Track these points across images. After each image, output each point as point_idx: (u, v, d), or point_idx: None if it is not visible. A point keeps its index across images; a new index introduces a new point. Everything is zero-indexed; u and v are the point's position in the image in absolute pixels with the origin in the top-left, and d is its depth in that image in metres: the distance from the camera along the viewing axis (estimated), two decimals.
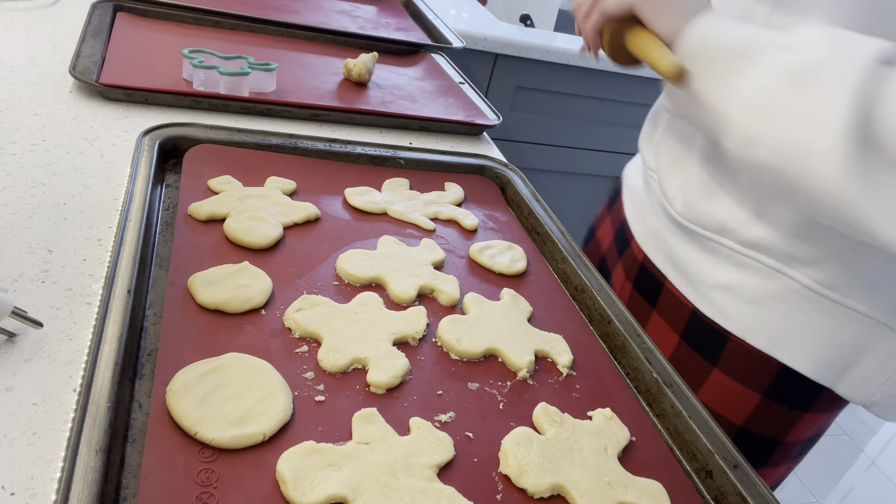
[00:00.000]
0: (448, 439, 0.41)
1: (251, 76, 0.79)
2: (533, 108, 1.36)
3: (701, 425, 0.47)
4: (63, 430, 0.37)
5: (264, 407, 0.40)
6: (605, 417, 0.47)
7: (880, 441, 1.98)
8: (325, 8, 1.16)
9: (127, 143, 0.66)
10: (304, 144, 0.70)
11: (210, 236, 0.55)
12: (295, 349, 0.46)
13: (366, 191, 0.67)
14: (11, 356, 0.41)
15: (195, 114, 0.74)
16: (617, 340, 0.55)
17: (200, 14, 0.97)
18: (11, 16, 0.87)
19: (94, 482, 0.33)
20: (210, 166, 0.63)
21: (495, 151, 0.85)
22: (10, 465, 0.35)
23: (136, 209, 0.52)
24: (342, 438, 0.40)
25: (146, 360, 0.43)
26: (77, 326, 0.44)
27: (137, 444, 0.37)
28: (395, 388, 0.45)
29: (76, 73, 0.72)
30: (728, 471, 0.44)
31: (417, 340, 0.50)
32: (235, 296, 0.47)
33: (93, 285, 0.48)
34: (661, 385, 0.50)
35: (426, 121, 0.84)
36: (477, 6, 1.47)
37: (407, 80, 0.96)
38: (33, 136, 0.63)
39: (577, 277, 0.61)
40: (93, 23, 0.86)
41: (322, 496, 0.35)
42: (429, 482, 0.38)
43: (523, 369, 0.49)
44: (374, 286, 0.55)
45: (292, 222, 0.59)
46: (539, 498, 0.40)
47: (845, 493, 1.76)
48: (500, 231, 0.68)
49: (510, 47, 1.25)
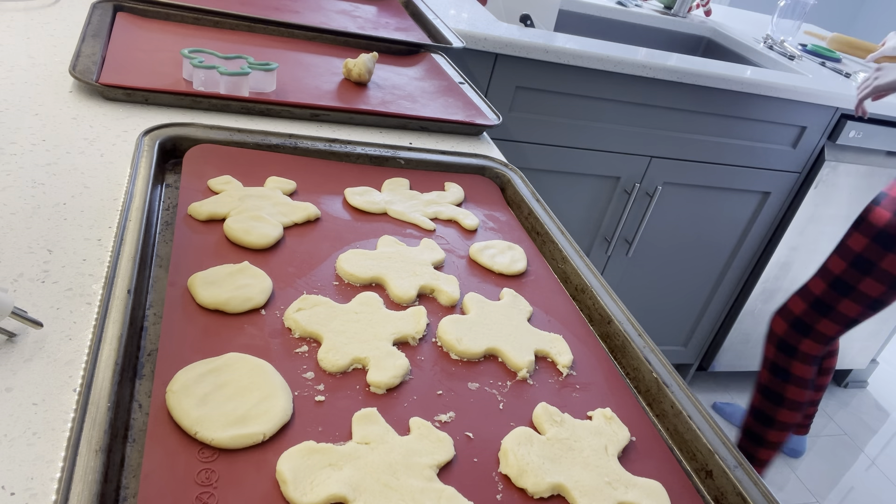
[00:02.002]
0: (448, 439, 0.41)
1: (251, 76, 0.79)
2: (533, 108, 1.36)
3: (701, 425, 0.47)
4: (63, 430, 0.37)
5: (264, 407, 0.40)
6: (605, 417, 0.47)
7: (880, 441, 1.98)
8: (325, 8, 1.16)
9: (127, 143, 0.66)
10: (304, 144, 0.70)
11: (210, 236, 0.55)
12: (295, 349, 0.46)
13: (366, 191, 0.67)
14: (11, 356, 0.41)
15: (195, 114, 0.74)
16: (617, 340, 0.55)
17: (200, 14, 0.97)
18: (11, 16, 0.87)
19: (94, 482, 0.33)
20: (210, 166, 0.63)
21: (495, 151, 0.85)
22: (10, 465, 0.35)
23: (136, 209, 0.52)
24: (342, 438, 0.40)
25: (146, 360, 0.43)
26: (77, 326, 0.44)
27: (137, 444, 0.37)
28: (395, 388, 0.45)
29: (76, 73, 0.72)
30: (728, 471, 0.44)
31: (417, 340, 0.50)
32: (235, 296, 0.47)
33: (93, 285, 0.48)
34: (661, 385, 0.50)
35: (426, 121, 0.84)
36: (477, 6, 1.47)
37: (407, 80, 0.96)
38: (33, 136, 0.63)
39: (577, 277, 0.61)
40: (93, 23, 0.86)
41: (322, 496, 0.35)
42: (429, 482, 0.38)
43: (523, 369, 0.49)
44: (374, 286, 0.55)
45: (292, 222, 0.59)
46: (539, 498, 0.40)
47: (845, 493, 1.76)
48: (500, 231, 0.67)
49: (510, 47, 1.25)
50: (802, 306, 1.36)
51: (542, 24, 1.61)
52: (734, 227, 1.69)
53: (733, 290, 1.80)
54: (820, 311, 1.33)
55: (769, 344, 1.43)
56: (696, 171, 1.55)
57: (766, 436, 1.47)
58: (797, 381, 1.40)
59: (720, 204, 1.63)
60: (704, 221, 1.65)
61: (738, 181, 1.60)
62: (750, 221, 1.69)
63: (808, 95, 1.47)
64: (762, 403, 1.45)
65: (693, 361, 1.93)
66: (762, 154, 1.57)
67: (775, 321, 1.41)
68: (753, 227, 1.69)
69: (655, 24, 1.87)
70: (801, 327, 1.36)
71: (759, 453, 1.50)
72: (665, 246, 1.66)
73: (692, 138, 1.50)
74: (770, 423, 1.45)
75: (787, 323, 1.38)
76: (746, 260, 1.75)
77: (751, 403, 1.49)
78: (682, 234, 1.65)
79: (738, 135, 1.53)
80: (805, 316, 1.35)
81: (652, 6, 1.93)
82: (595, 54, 1.30)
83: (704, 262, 1.73)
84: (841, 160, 1.61)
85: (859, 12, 3.76)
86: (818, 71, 1.66)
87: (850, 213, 1.72)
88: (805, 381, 1.40)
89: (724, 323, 1.85)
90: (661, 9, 1.92)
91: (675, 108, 1.44)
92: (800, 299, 1.36)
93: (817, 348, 1.36)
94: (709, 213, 1.64)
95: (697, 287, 1.77)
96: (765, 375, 1.44)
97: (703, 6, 1.97)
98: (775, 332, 1.41)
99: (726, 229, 1.69)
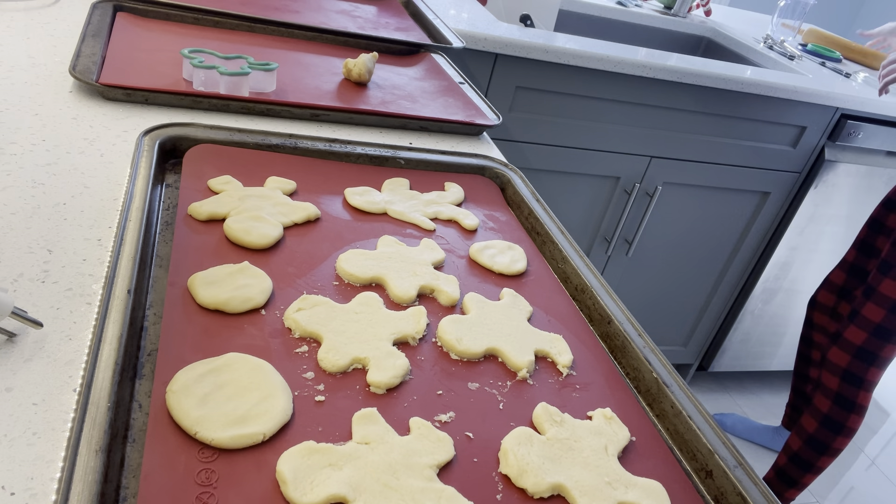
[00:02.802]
0: (448, 439, 0.41)
1: (251, 76, 0.79)
2: (533, 108, 1.36)
3: (701, 425, 0.47)
4: (63, 430, 0.37)
5: (264, 407, 0.40)
6: (605, 417, 0.47)
7: (880, 441, 1.98)
8: (325, 8, 1.16)
9: (127, 143, 0.66)
10: (304, 144, 0.70)
11: (210, 236, 0.55)
12: (295, 349, 0.46)
13: (366, 191, 0.67)
14: (11, 356, 0.41)
15: (195, 114, 0.74)
16: (617, 340, 0.55)
17: (200, 14, 0.97)
18: (11, 16, 0.87)
19: (94, 482, 0.33)
20: (210, 166, 0.63)
21: (495, 151, 0.85)
22: (10, 465, 0.35)
23: (136, 209, 0.52)
24: (342, 438, 0.40)
25: (146, 360, 0.43)
26: (77, 326, 0.44)
27: (137, 444, 0.37)
28: (395, 388, 0.45)
29: (76, 73, 0.72)
30: (728, 471, 0.44)
31: (417, 340, 0.50)
32: (235, 296, 0.47)
33: (93, 285, 0.48)
34: (661, 385, 0.50)
35: (426, 121, 0.84)
36: (477, 6, 1.47)
37: (407, 80, 0.96)
38: (33, 136, 0.63)
39: (577, 277, 0.61)
40: (93, 23, 0.86)
41: (322, 496, 0.35)
42: (429, 482, 0.38)
43: (523, 369, 0.49)
44: (374, 286, 0.55)
45: (292, 222, 0.59)
46: (539, 498, 0.40)
47: (845, 493, 1.76)
48: (500, 231, 0.67)
49: (510, 47, 1.25)
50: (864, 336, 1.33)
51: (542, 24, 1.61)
52: (734, 227, 1.69)
53: (733, 290, 1.80)
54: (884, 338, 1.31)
55: (830, 374, 1.40)
56: (696, 171, 1.55)
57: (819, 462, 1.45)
58: (861, 410, 1.38)
59: (720, 204, 1.63)
60: (704, 221, 1.65)
61: (738, 181, 1.60)
62: (750, 221, 1.69)
63: (808, 95, 1.47)
64: (820, 432, 1.42)
65: (693, 361, 1.93)
66: (762, 154, 1.57)
67: (834, 353, 1.38)
68: (753, 227, 1.69)
69: (655, 24, 1.87)
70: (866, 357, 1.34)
71: (806, 479, 1.48)
72: (665, 246, 1.66)
73: (692, 138, 1.50)
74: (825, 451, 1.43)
75: (850, 354, 1.35)
76: (746, 260, 1.75)
77: (806, 431, 1.45)
78: (682, 234, 1.65)
79: (738, 135, 1.53)
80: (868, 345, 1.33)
81: (652, 6, 1.93)
82: (595, 54, 1.30)
83: (704, 262, 1.73)
84: (841, 160, 1.61)
85: (859, 12, 3.76)
86: (818, 71, 1.66)
87: (850, 213, 1.72)
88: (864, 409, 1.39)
89: (724, 323, 1.85)
90: (661, 9, 1.92)
91: (675, 108, 1.44)
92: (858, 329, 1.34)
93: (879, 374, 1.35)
94: (709, 213, 1.64)
95: (697, 287, 1.77)
96: (826, 405, 1.41)
97: (703, 6, 1.97)
98: (839, 364, 1.37)
99: (726, 229, 1.69)
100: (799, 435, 1.46)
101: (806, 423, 1.44)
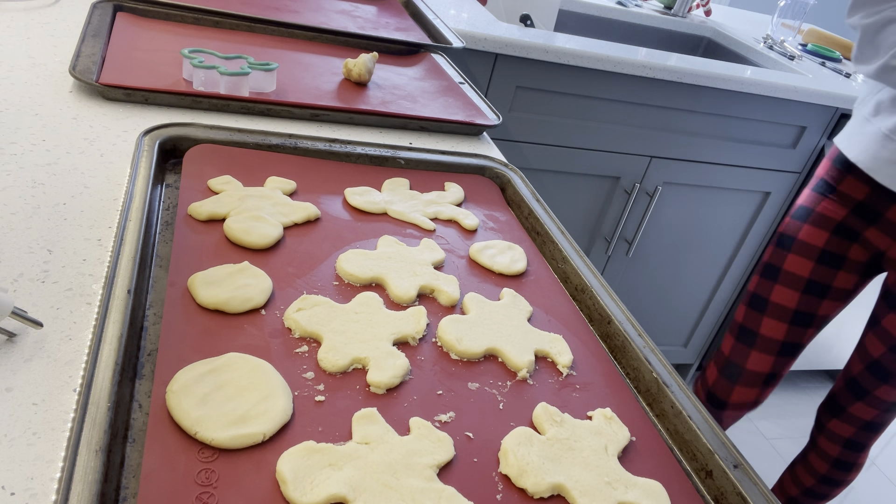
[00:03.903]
0: (448, 439, 0.41)
1: (251, 76, 0.79)
2: (533, 108, 1.36)
3: (701, 425, 0.47)
4: (63, 430, 0.37)
5: (264, 407, 0.40)
6: (605, 417, 0.47)
7: (880, 441, 1.98)
8: (325, 8, 1.16)
9: (127, 143, 0.66)
10: (304, 144, 0.70)
11: (210, 236, 0.55)
12: (295, 349, 0.46)
13: (366, 191, 0.67)
14: (11, 356, 0.41)
15: (195, 114, 0.74)
16: (617, 340, 0.55)
17: (200, 14, 0.97)
18: (11, 16, 0.87)
19: (94, 482, 0.33)
20: (210, 166, 0.63)
21: (495, 151, 0.85)
22: (10, 465, 0.35)
23: (136, 209, 0.52)
24: (342, 438, 0.40)
25: (146, 360, 0.43)
26: (77, 326, 0.44)
27: (137, 444, 0.37)
28: (395, 388, 0.45)
29: (76, 73, 0.72)
30: (728, 471, 0.44)
31: (417, 340, 0.50)
32: (235, 296, 0.47)
33: (93, 285, 0.48)
34: (661, 385, 0.50)
35: (426, 121, 0.84)
36: (477, 6, 1.47)
37: (407, 80, 0.96)
38: (33, 136, 0.63)
39: (577, 277, 0.61)
40: (93, 23, 0.86)
41: (322, 496, 0.35)
42: (429, 482, 0.38)
43: (523, 369, 0.49)
44: (374, 286, 0.55)
45: (292, 222, 0.59)
46: (539, 498, 0.40)
47: (845, 493, 1.75)
48: (500, 231, 0.67)
49: (510, 47, 1.25)
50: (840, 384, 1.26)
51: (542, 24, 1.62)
52: (734, 227, 1.69)
53: (733, 290, 1.80)
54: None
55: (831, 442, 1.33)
56: (696, 171, 1.55)
57: None
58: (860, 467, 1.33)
59: (720, 204, 1.63)
60: (704, 221, 1.65)
61: (738, 181, 1.60)
62: (750, 221, 1.69)
63: (808, 95, 1.47)
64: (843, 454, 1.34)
65: (693, 361, 1.93)
66: (762, 154, 1.57)
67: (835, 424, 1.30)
68: (753, 227, 1.69)
69: (655, 24, 1.87)
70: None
71: None
72: (665, 246, 1.66)
73: (692, 138, 1.50)
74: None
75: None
76: (746, 260, 1.75)
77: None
78: (682, 234, 1.65)
79: (738, 135, 1.53)
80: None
81: (652, 6, 1.93)
82: (595, 54, 1.30)
83: (704, 262, 1.73)
84: None
85: None
86: (818, 71, 1.66)
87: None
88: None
89: (725, 323, 1.85)
90: (661, 9, 1.92)
91: (675, 108, 1.44)
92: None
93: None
94: (709, 213, 1.64)
95: (697, 287, 1.77)
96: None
97: (703, 6, 1.97)
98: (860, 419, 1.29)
99: (726, 229, 1.69)
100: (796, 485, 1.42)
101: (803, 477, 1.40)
